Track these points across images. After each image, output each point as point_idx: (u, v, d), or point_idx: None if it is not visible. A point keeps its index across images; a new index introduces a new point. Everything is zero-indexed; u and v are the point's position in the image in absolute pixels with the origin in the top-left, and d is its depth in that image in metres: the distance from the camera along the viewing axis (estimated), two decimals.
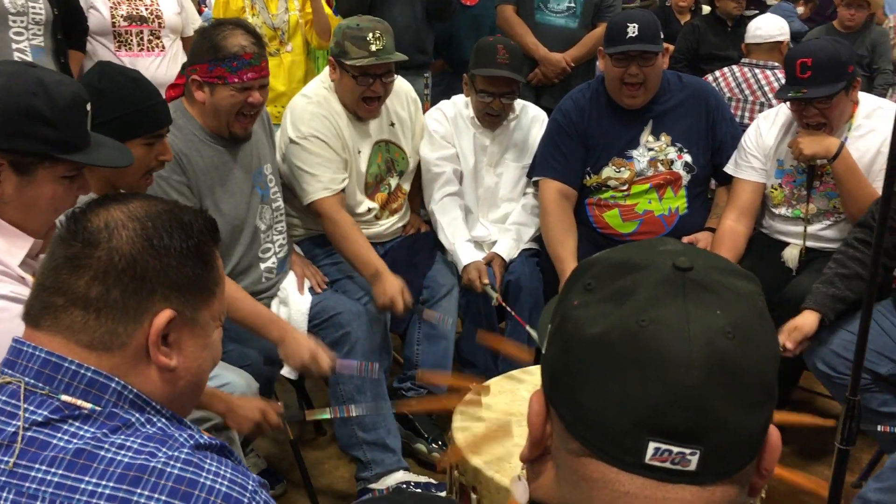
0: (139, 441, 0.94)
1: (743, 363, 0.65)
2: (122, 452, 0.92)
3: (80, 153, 1.50)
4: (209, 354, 1.09)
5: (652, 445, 0.64)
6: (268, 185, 2.50)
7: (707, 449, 0.64)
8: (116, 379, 0.98)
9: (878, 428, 2.13)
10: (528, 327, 2.59)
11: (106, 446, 0.92)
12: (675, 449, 0.64)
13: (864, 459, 2.68)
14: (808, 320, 2.32)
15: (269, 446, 2.79)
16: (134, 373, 1.00)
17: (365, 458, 2.43)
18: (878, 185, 2.49)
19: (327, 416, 2.18)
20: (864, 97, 2.64)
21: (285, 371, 2.41)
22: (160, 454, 0.92)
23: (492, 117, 2.87)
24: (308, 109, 2.65)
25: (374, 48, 2.56)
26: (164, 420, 0.99)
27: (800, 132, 2.60)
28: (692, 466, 0.64)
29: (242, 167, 2.40)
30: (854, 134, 2.59)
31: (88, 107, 1.54)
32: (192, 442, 0.96)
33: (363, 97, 2.64)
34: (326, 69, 2.72)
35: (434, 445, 2.65)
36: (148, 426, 0.97)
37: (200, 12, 5.29)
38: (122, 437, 0.94)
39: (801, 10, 6.38)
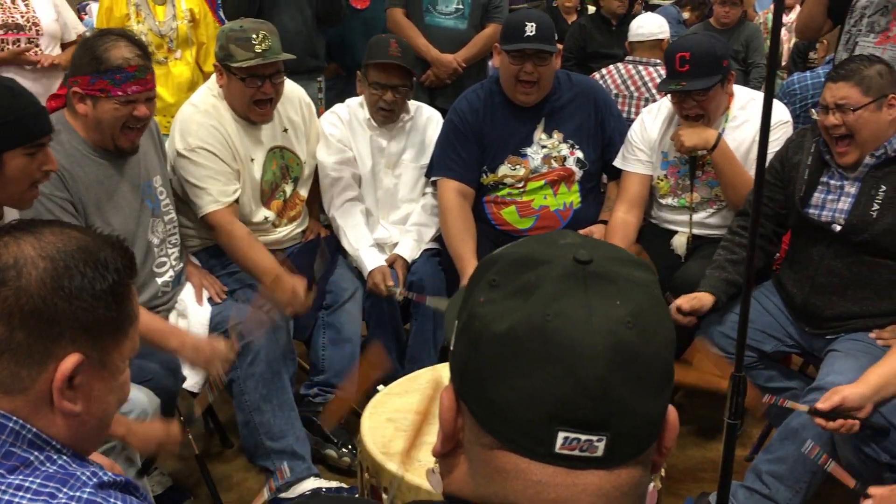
0: (39, 481, 0.89)
1: (643, 351, 0.68)
2: (21, 494, 0.88)
3: None
4: (116, 397, 1.05)
5: (561, 435, 0.66)
6: (158, 198, 2.44)
7: (613, 435, 0.67)
8: (14, 418, 0.93)
9: (764, 398, 2.25)
10: (428, 299, 2.66)
11: (3, 488, 0.88)
12: (584, 437, 0.67)
13: (756, 434, 2.82)
14: (705, 296, 2.42)
15: (175, 463, 2.72)
16: (36, 417, 0.95)
17: (274, 467, 2.41)
18: (754, 173, 2.63)
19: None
20: (738, 89, 2.78)
21: (188, 384, 2.36)
22: (61, 495, 0.88)
23: (385, 112, 2.87)
24: (195, 119, 2.60)
25: (259, 49, 2.53)
26: (65, 458, 0.95)
27: (680, 125, 2.72)
28: (599, 452, 0.67)
29: (129, 181, 2.33)
30: (730, 125, 2.73)
31: None
32: (94, 480, 0.92)
33: (254, 100, 2.61)
34: (214, 76, 2.68)
35: (344, 450, 2.64)
36: (48, 464, 0.93)
37: (80, 20, 5.09)
38: (21, 477, 0.90)
39: (686, 15, 6.63)
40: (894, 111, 2.18)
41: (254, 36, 2.54)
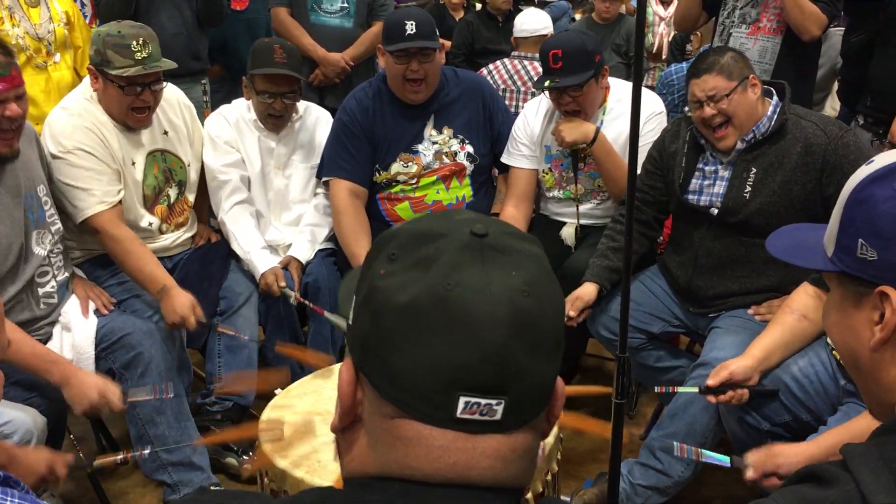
0: None
1: (539, 317, 0.71)
2: None
3: None
4: None
5: (462, 400, 0.69)
6: (42, 209, 2.33)
7: (511, 398, 0.70)
8: None
9: (656, 389, 2.34)
10: (326, 314, 2.61)
11: None
12: (484, 401, 0.69)
13: (649, 414, 2.93)
14: (587, 290, 2.50)
15: (66, 483, 2.61)
16: None
17: (171, 480, 2.35)
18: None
19: (120, 456, 2.04)
20: (614, 82, 2.87)
21: None
22: None
23: (275, 118, 2.85)
24: (69, 122, 2.50)
25: (139, 56, 2.46)
26: None
27: (560, 120, 2.79)
28: (498, 416, 0.70)
29: (9, 191, 2.22)
30: (608, 117, 2.82)
31: None
32: None
33: (132, 107, 2.53)
34: (86, 79, 2.58)
35: (245, 457, 2.59)
36: None
37: None
38: None
39: (578, 16, 6.78)
40: (757, 89, 2.31)
41: (133, 43, 2.46)
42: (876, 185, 0.89)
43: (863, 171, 0.92)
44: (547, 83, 2.68)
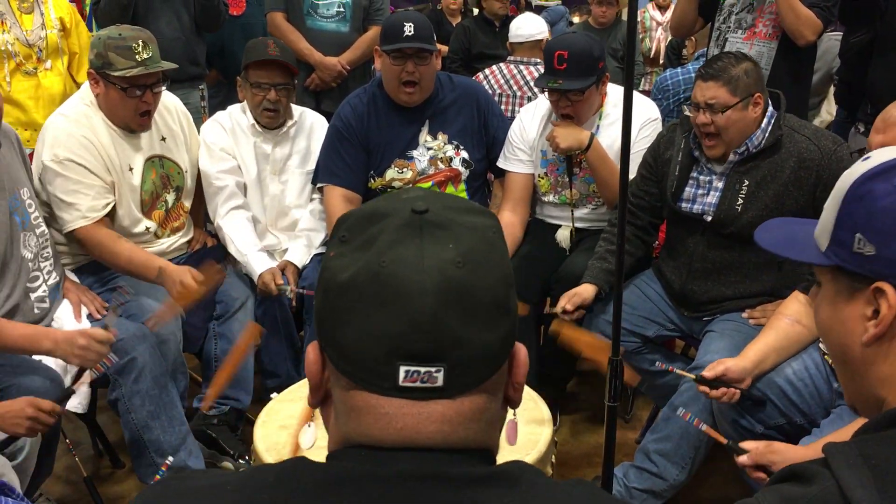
0: None
1: (473, 286, 0.73)
2: None
3: None
4: None
5: (402, 369, 0.72)
6: (27, 211, 2.34)
7: (449, 365, 0.72)
8: None
9: (656, 364, 2.34)
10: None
11: None
12: (423, 369, 0.72)
13: (645, 418, 2.93)
14: (586, 289, 2.50)
15: (62, 488, 2.62)
16: None
17: None
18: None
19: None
20: (611, 87, 2.86)
21: (72, 405, 2.27)
22: None
23: (270, 113, 2.84)
24: (65, 130, 2.51)
25: (140, 57, 2.47)
26: None
27: (555, 123, 2.78)
28: (440, 382, 0.73)
29: None
30: (604, 122, 2.82)
31: None
32: None
33: (137, 111, 2.54)
34: (86, 84, 2.59)
35: (241, 461, 2.60)
36: None
37: None
38: None
39: (576, 19, 6.78)
40: (758, 109, 2.29)
41: (134, 44, 2.47)
42: (875, 180, 0.89)
43: (860, 167, 0.92)
44: (549, 83, 2.68)
